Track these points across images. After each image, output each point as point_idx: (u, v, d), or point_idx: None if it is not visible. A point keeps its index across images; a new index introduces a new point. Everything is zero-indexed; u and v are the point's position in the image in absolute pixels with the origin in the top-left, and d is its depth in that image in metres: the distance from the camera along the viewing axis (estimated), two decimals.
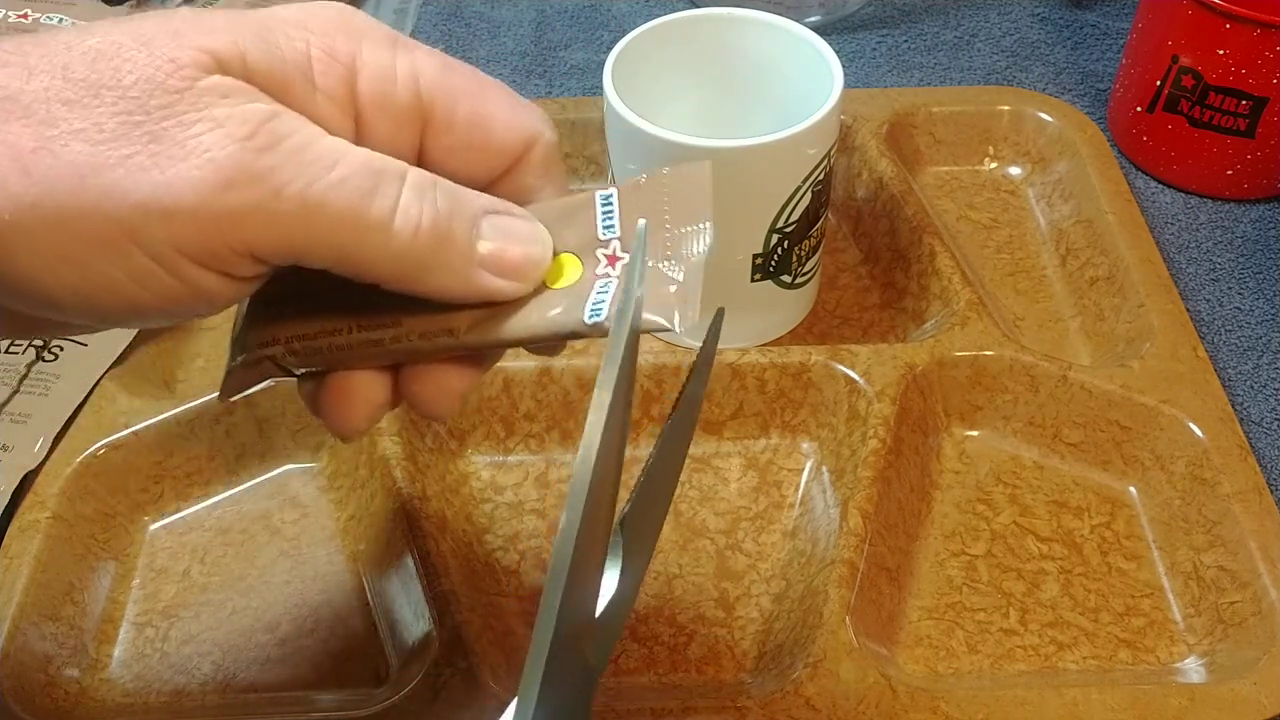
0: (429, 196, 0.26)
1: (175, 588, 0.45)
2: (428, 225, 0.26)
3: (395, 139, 0.28)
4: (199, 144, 0.24)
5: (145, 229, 0.24)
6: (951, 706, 0.38)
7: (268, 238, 0.25)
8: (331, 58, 0.27)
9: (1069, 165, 0.58)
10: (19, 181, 0.23)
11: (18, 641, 0.41)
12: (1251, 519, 0.43)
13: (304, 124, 0.25)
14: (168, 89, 0.24)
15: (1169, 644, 0.43)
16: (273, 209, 0.24)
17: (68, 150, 0.23)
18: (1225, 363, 0.51)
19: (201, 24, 0.25)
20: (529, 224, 0.28)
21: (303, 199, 0.24)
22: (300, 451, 0.49)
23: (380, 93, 0.27)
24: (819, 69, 0.48)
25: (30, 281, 0.24)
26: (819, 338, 0.53)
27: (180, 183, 0.23)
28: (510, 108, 0.29)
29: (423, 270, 0.26)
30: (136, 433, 0.47)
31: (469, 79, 0.29)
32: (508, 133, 0.29)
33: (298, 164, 0.24)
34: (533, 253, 0.28)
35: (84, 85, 0.24)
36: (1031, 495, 0.47)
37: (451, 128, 0.28)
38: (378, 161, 0.26)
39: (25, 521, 0.44)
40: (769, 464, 0.49)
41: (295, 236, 0.25)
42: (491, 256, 0.27)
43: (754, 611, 0.44)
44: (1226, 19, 0.53)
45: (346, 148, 0.25)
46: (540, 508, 0.47)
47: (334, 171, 0.25)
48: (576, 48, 0.69)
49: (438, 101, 0.28)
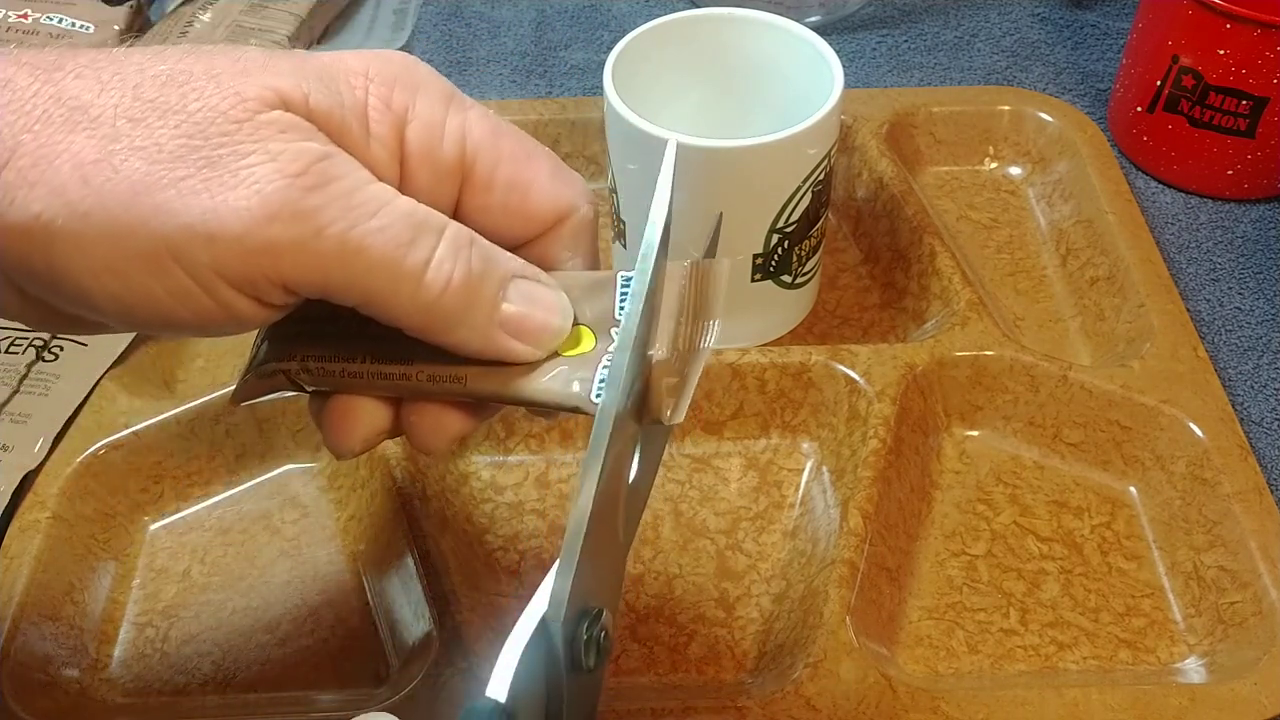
0: (464, 255, 0.27)
1: (175, 588, 0.45)
2: (458, 282, 0.26)
3: (435, 190, 0.29)
4: (250, 174, 0.24)
5: (189, 250, 0.24)
6: (952, 706, 0.38)
7: (303, 273, 0.25)
8: (387, 106, 0.28)
9: (1069, 165, 0.58)
10: (77, 190, 0.24)
11: (18, 641, 0.41)
12: (1252, 519, 0.43)
13: (355, 168, 0.26)
14: (230, 118, 0.25)
15: (1169, 644, 0.43)
16: (312, 247, 0.25)
17: (126, 165, 0.24)
18: (1225, 363, 0.51)
19: (270, 64, 0.26)
20: (554, 294, 0.29)
21: (342, 240, 0.25)
22: (300, 451, 0.49)
23: (426, 145, 0.28)
24: (819, 69, 0.48)
25: (75, 285, 0.25)
26: (819, 338, 0.53)
27: (226, 210, 0.24)
28: (551, 177, 0.30)
29: (446, 324, 0.27)
30: (136, 433, 0.47)
31: (516, 144, 0.30)
32: (543, 201, 0.30)
33: (343, 206, 0.25)
34: (553, 322, 0.29)
35: (151, 106, 0.25)
36: (1032, 495, 0.47)
37: (490, 188, 0.29)
38: (420, 214, 0.26)
39: (25, 521, 0.44)
40: (769, 464, 0.49)
41: (331, 275, 0.26)
42: (513, 320, 0.28)
43: (754, 611, 0.44)
44: (1227, 19, 0.53)
45: (392, 196, 0.26)
46: (541, 508, 0.47)
47: (376, 219, 0.25)
48: (576, 48, 0.69)
49: (480, 161, 0.29)
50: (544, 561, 0.45)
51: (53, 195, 0.24)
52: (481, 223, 0.29)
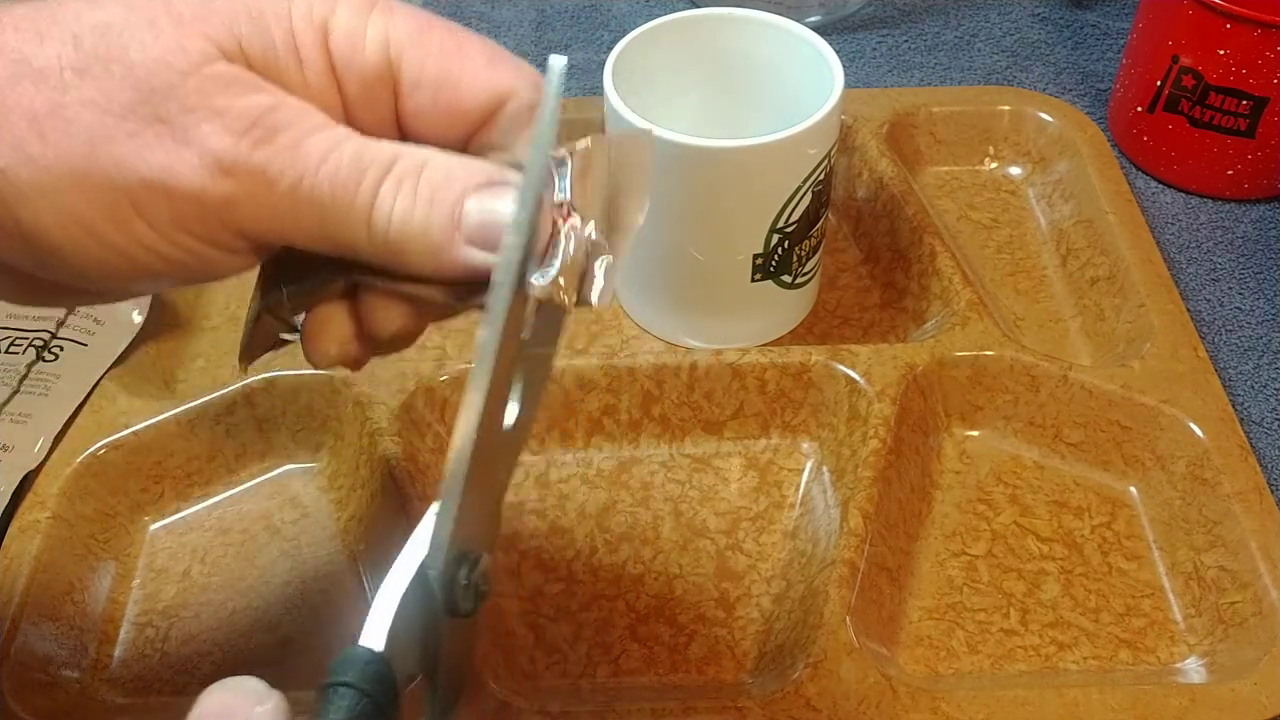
0: (409, 185, 0.26)
1: (175, 588, 0.45)
2: (403, 215, 0.26)
3: (369, 103, 0.28)
4: (200, 132, 0.25)
5: (149, 204, 0.25)
6: (952, 707, 0.38)
7: (261, 225, 0.26)
8: (309, 25, 0.27)
9: (1069, 165, 0.58)
10: (36, 144, 0.24)
11: (18, 641, 0.41)
12: (1252, 519, 0.43)
13: (300, 115, 0.26)
14: (174, 69, 0.25)
15: (1169, 644, 0.43)
16: (265, 201, 0.26)
17: (80, 118, 0.24)
18: (1225, 363, 0.51)
19: (201, 9, 0.26)
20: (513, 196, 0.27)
21: (293, 192, 0.26)
22: (300, 451, 0.49)
23: (348, 55, 0.27)
24: (819, 69, 0.48)
25: (46, 241, 0.25)
26: (819, 338, 0.53)
27: (181, 167, 0.25)
28: (487, 65, 0.28)
29: (407, 255, 0.27)
30: (136, 433, 0.47)
31: (445, 36, 0.28)
32: (476, 91, 0.28)
33: (290, 158, 0.25)
34: None
35: (94, 57, 0.25)
36: (1032, 495, 0.47)
37: (419, 87, 0.28)
38: (369, 153, 0.26)
39: (25, 521, 0.44)
40: (769, 464, 0.49)
41: (287, 226, 0.26)
42: (477, 232, 0.27)
43: (754, 612, 0.44)
44: (1227, 19, 0.53)
45: (339, 140, 0.26)
46: (540, 508, 0.47)
47: (324, 166, 0.26)
48: (576, 48, 0.69)
49: (406, 60, 0.28)
50: (544, 561, 0.45)
51: (12, 150, 0.24)
52: (423, 129, 0.28)
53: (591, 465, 0.49)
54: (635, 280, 0.52)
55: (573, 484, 0.48)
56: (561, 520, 0.47)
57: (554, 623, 0.44)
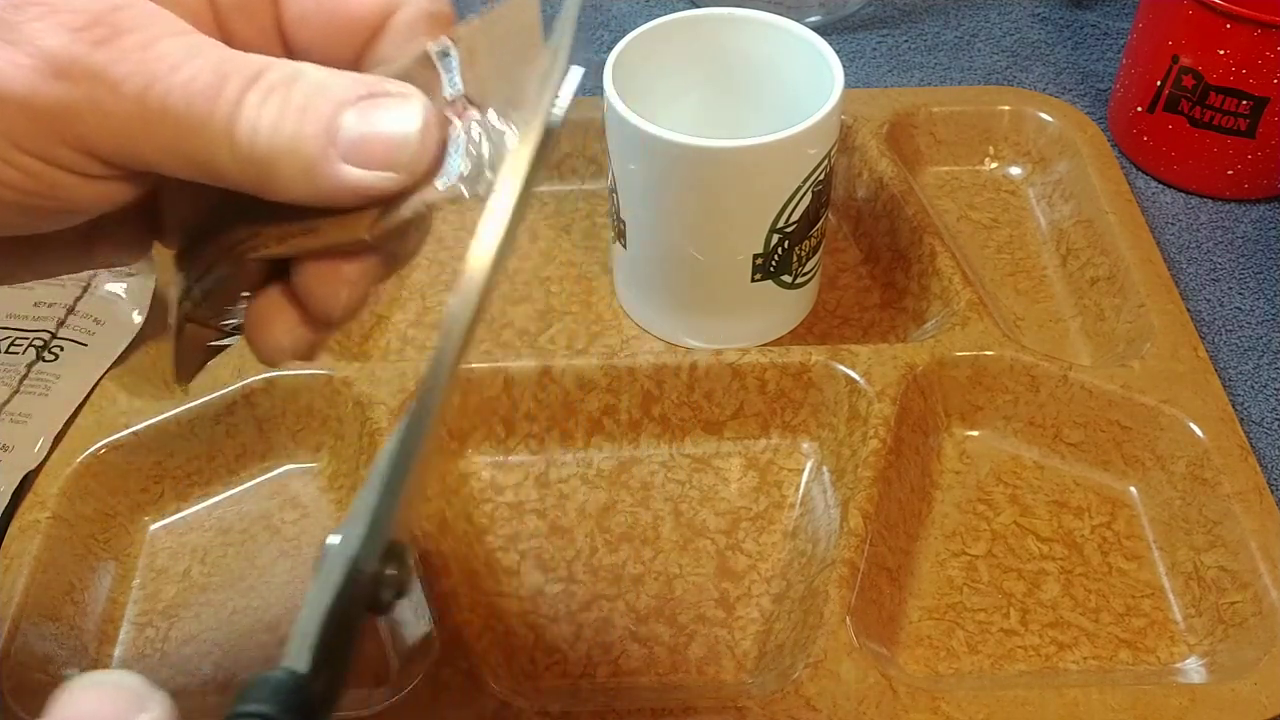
0: (279, 94, 0.23)
1: (175, 588, 0.45)
2: (266, 128, 0.23)
3: (244, 11, 0.26)
4: (30, 30, 0.22)
5: None
6: (952, 707, 0.38)
7: (107, 138, 0.23)
8: None
9: (1069, 165, 0.58)
10: None
11: (18, 641, 0.41)
12: (1252, 519, 0.43)
13: (155, 19, 0.23)
14: None
15: (1169, 644, 0.43)
16: (110, 108, 0.23)
17: None
18: (1225, 363, 0.51)
19: None
20: (403, 102, 0.24)
21: (142, 98, 0.23)
22: (300, 451, 0.49)
23: None
24: (819, 69, 0.48)
25: None
26: (819, 338, 0.53)
27: (9, 68, 0.22)
28: None
29: (276, 174, 0.24)
30: (136, 433, 0.47)
31: None
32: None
33: (138, 61, 0.23)
34: (400, 131, 0.24)
35: None
36: (1032, 495, 0.47)
37: None
38: (230, 61, 0.23)
39: (25, 521, 0.44)
40: (769, 464, 0.49)
41: (136, 138, 0.23)
42: (354, 147, 0.24)
43: (754, 612, 0.44)
44: (1227, 19, 0.53)
45: (199, 47, 0.23)
46: (540, 508, 0.47)
47: (179, 72, 0.23)
48: (576, 48, 0.69)
49: None
50: (544, 561, 0.45)
51: None
52: (309, 42, 0.26)
53: (591, 465, 0.49)
54: (635, 280, 0.52)
55: (573, 484, 0.48)
56: (561, 520, 0.47)
57: (554, 623, 0.44)
